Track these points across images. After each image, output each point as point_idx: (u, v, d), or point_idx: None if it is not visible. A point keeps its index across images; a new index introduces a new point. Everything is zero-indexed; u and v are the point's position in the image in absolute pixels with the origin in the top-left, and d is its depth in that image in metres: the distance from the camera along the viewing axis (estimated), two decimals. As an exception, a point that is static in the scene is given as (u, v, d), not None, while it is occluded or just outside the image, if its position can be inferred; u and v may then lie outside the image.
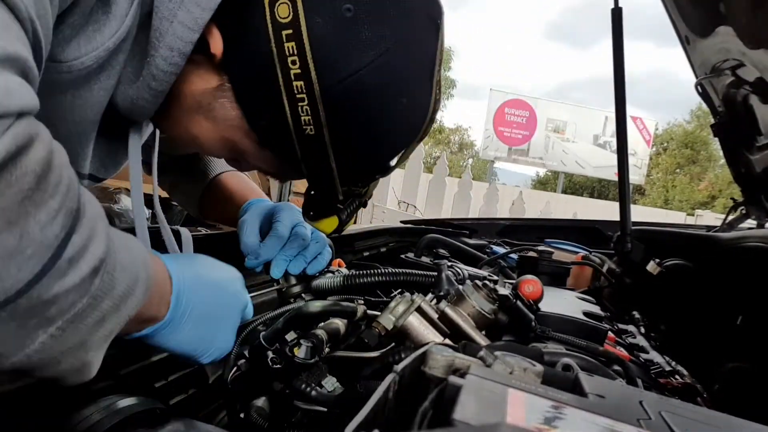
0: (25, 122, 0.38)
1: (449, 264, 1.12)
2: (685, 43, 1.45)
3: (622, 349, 0.86)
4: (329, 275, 0.86)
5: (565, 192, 23.54)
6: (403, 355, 0.62)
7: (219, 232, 0.95)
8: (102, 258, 0.43)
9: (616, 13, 1.31)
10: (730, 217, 1.61)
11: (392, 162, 0.71)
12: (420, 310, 0.68)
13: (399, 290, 0.84)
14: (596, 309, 0.93)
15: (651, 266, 1.19)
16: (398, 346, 0.67)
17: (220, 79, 0.62)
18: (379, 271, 0.85)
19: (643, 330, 1.09)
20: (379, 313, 0.70)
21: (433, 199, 9.04)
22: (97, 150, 0.70)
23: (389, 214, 7.02)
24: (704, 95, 1.52)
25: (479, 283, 0.73)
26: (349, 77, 0.58)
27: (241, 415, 0.67)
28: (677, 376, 0.85)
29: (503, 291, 0.73)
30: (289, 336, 0.69)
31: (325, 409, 0.63)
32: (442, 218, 2.09)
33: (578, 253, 1.49)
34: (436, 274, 0.84)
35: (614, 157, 1.35)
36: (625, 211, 1.29)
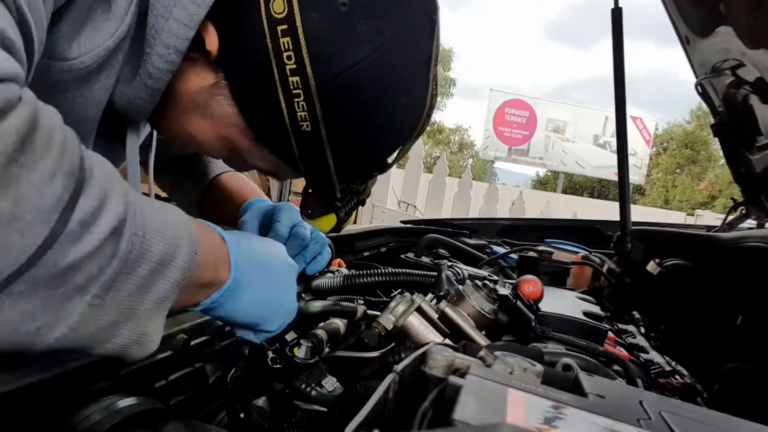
0: (4, 87, 0.37)
1: (449, 264, 1.12)
2: (685, 43, 1.45)
3: (622, 349, 0.86)
4: (329, 275, 0.86)
5: (565, 192, 23.55)
6: (403, 355, 0.62)
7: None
8: (121, 219, 0.41)
9: (616, 13, 1.31)
10: (730, 217, 1.61)
11: (390, 159, 0.71)
12: (420, 310, 0.68)
13: (399, 290, 0.84)
14: (596, 309, 0.93)
15: (651, 266, 1.19)
16: (398, 346, 0.68)
17: (216, 77, 0.61)
18: (379, 271, 0.85)
19: (643, 330, 1.09)
20: (379, 313, 0.70)
21: (433, 199, 9.05)
22: (96, 151, 0.70)
23: (389, 214, 7.03)
24: (704, 95, 1.52)
25: (479, 283, 0.73)
26: (345, 72, 0.58)
27: (241, 415, 0.67)
28: (677, 376, 0.85)
29: (503, 291, 0.73)
30: (289, 336, 0.69)
31: (325, 409, 0.63)
32: (442, 218, 2.09)
33: (578, 253, 1.49)
34: (436, 274, 0.84)
35: (614, 157, 1.35)
36: (625, 211, 1.29)
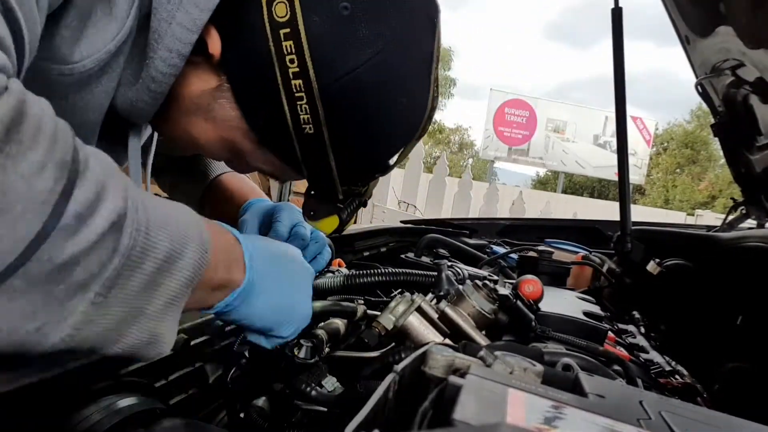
0: None
1: (449, 264, 1.12)
2: (685, 42, 1.45)
3: (622, 349, 0.86)
4: (329, 275, 0.86)
5: (565, 192, 23.55)
6: (403, 355, 0.62)
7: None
8: (120, 213, 0.40)
9: (616, 13, 1.31)
10: (730, 217, 1.61)
11: (391, 160, 0.71)
12: (420, 310, 0.68)
13: (399, 290, 0.84)
14: (596, 309, 0.93)
15: (651, 266, 1.19)
16: (398, 346, 0.68)
17: (219, 80, 0.62)
18: (379, 271, 0.85)
19: (643, 330, 1.09)
20: (379, 313, 0.70)
21: (433, 199, 9.05)
22: None
23: (389, 214, 7.02)
24: (704, 95, 1.52)
25: (479, 283, 0.73)
26: (347, 75, 0.58)
27: (241, 415, 0.67)
28: (677, 376, 0.85)
29: (503, 291, 0.73)
30: (289, 336, 0.69)
31: (325, 409, 0.63)
32: (442, 218, 2.09)
33: (578, 253, 1.49)
34: (436, 274, 0.84)
35: (614, 157, 1.35)
36: (625, 211, 1.29)
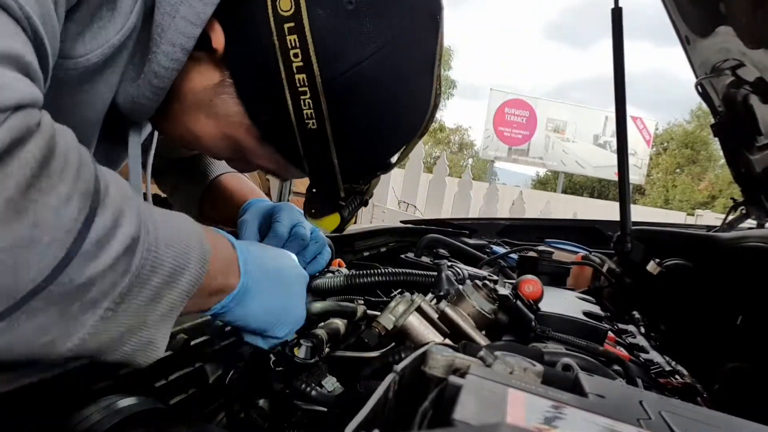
0: (22, 114, 0.37)
1: (449, 264, 1.12)
2: (685, 42, 1.45)
3: (622, 349, 0.86)
4: (329, 275, 0.86)
5: (565, 192, 23.55)
6: (403, 355, 0.62)
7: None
8: (134, 236, 0.43)
9: (616, 13, 1.31)
10: (730, 217, 1.61)
11: (393, 158, 0.71)
12: (420, 310, 0.68)
13: (399, 290, 0.84)
14: (596, 309, 0.93)
15: (651, 266, 1.19)
16: (398, 346, 0.68)
17: (222, 75, 0.61)
18: (379, 271, 0.85)
19: (643, 330, 1.09)
20: (379, 313, 0.70)
21: (433, 199, 9.05)
22: (97, 151, 0.70)
23: (389, 214, 7.03)
24: (704, 95, 1.52)
25: (479, 283, 0.73)
26: (351, 69, 0.58)
27: (241, 415, 0.67)
28: (677, 376, 0.85)
29: (503, 291, 0.73)
30: (290, 336, 0.69)
31: (325, 409, 0.63)
32: (442, 218, 2.09)
33: (578, 253, 1.49)
34: (436, 274, 0.84)
35: (614, 157, 1.35)
36: (625, 211, 1.29)
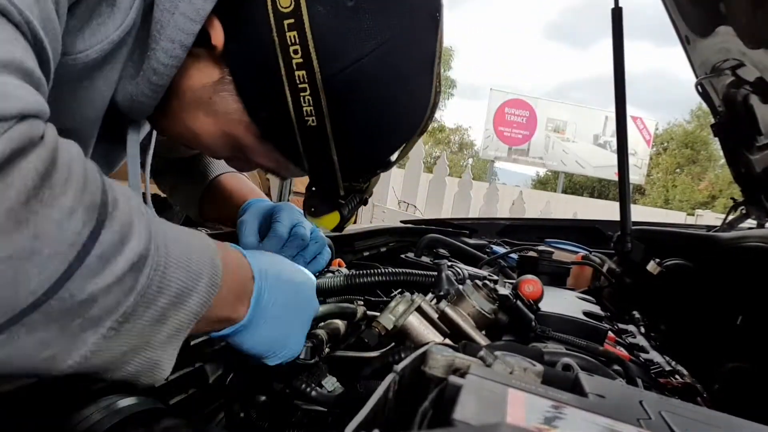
0: (26, 125, 0.37)
1: (449, 264, 1.12)
2: (685, 42, 1.45)
3: (622, 348, 0.86)
4: (329, 275, 0.86)
5: (565, 192, 23.56)
6: (403, 355, 0.62)
7: (219, 231, 0.95)
8: (141, 254, 0.41)
9: (617, 13, 1.30)
10: (730, 217, 1.61)
11: (393, 156, 0.70)
12: (420, 310, 0.68)
13: (399, 290, 0.84)
14: (596, 309, 0.93)
15: (651, 266, 1.19)
16: (398, 346, 0.67)
17: (221, 72, 0.61)
18: (379, 270, 0.85)
19: (643, 330, 1.09)
20: (379, 313, 0.70)
21: (433, 199, 9.05)
22: (96, 151, 0.70)
23: (389, 214, 7.03)
24: (704, 95, 1.52)
25: (479, 282, 0.73)
26: (351, 66, 0.58)
27: (241, 415, 0.67)
28: (677, 376, 0.85)
29: (503, 291, 0.73)
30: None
31: (325, 409, 0.63)
32: (442, 218, 2.09)
33: (578, 253, 1.49)
34: (436, 273, 0.84)
35: (614, 156, 1.35)
36: (625, 211, 1.29)
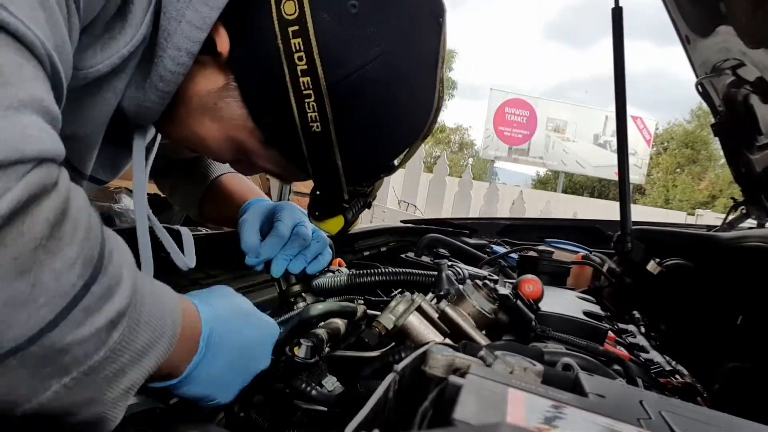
0: (44, 170, 0.37)
1: (449, 264, 1.12)
2: (685, 42, 1.44)
3: (622, 348, 0.86)
4: (329, 275, 0.86)
5: (565, 192, 23.55)
6: (403, 355, 0.62)
7: (219, 231, 0.95)
8: (122, 311, 0.42)
9: (617, 13, 1.30)
10: (731, 217, 1.61)
11: (397, 160, 0.71)
12: (420, 310, 0.68)
13: (399, 290, 0.84)
14: (596, 309, 0.93)
15: (651, 266, 1.19)
16: (398, 345, 0.68)
17: (226, 79, 0.62)
18: (380, 270, 0.85)
19: (643, 330, 1.09)
20: (379, 312, 0.70)
21: (433, 199, 9.05)
22: (101, 155, 0.70)
23: (389, 214, 7.03)
24: (704, 95, 1.52)
25: (479, 282, 0.73)
26: (355, 72, 0.58)
27: (241, 415, 0.67)
28: (677, 376, 0.85)
29: (503, 290, 0.73)
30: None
31: (325, 409, 0.63)
32: (442, 218, 2.09)
33: (578, 252, 1.49)
34: (436, 273, 0.84)
35: (614, 156, 1.34)
36: (625, 211, 1.29)
